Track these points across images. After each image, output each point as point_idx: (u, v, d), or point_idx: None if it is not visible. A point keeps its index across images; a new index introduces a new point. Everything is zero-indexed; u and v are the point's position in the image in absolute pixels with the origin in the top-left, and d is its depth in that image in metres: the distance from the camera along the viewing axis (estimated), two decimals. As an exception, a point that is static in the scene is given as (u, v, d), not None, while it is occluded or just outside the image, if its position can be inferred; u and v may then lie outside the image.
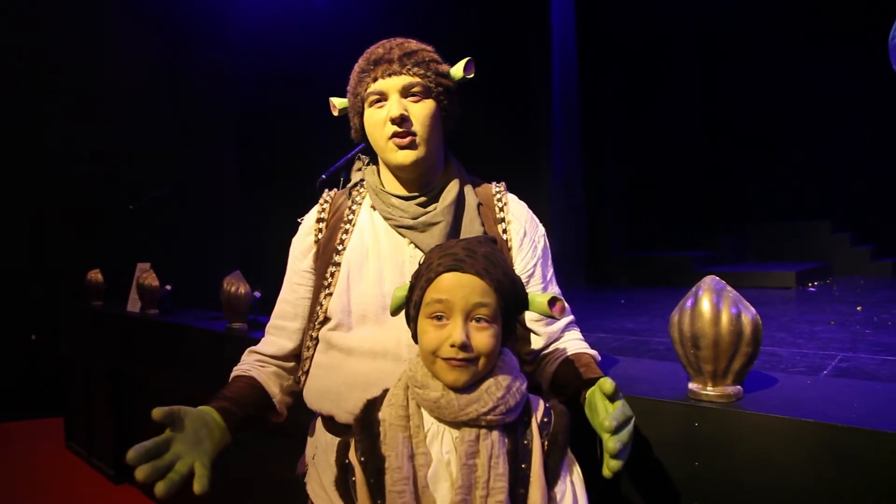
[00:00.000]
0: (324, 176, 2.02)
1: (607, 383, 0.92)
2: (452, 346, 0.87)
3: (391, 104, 1.11)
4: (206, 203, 5.54)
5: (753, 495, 1.07)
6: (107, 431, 3.45)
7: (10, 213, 4.75)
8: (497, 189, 1.25)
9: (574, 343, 1.23)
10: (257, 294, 2.46)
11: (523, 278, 1.20)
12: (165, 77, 5.46)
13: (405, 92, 1.12)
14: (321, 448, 1.19)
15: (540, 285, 1.22)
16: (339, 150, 1.97)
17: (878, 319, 4.48)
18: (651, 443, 1.18)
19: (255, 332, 2.36)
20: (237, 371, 1.24)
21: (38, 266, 4.79)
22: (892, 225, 9.09)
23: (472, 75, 1.19)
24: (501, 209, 1.22)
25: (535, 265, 1.22)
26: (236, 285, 2.44)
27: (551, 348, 1.24)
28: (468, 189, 1.21)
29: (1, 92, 4.74)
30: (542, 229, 1.27)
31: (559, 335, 1.24)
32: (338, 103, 1.25)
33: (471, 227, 1.17)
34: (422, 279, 0.92)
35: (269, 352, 1.26)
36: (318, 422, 1.21)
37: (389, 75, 1.11)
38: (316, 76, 5.94)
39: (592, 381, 1.06)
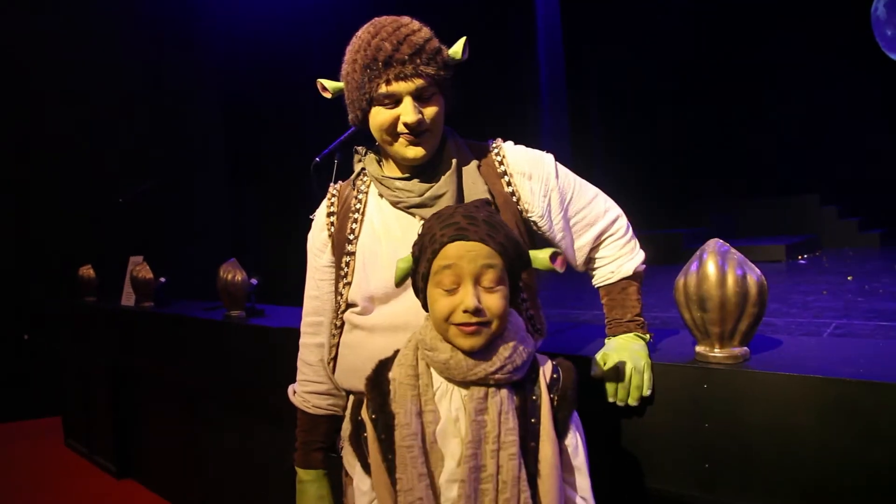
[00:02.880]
0: (317, 159, 2.00)
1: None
2: (465, 311, 0.89)
3: (406, 109, 1.10)
4: (195, 193, 5.50)
5: (763, 453, 1.08)
6: (107, 427, 3.43)
7: (-4, 212, 4.69)
8: (494, 145, 1.25)
9: (607, 267, 1.31)
10: (254, 281, 2.44)
11: (562, 219, 1.23)
12: (153, 70, 5.39)
13: (418, 94, 1.11)
14: None
15: (599, 206, 1.31)
16: (328, 135, 1.96)
17: (868, 287, 4.54)
18: (660, 406, 1.19)
19: (254, 318, 2.35)
20: (314, 409, 1.32)
21: (27, 264, 4.73)
22: (878, 197, 9.18)
23: (466, 57, 1.18)
24: (501, 162, 1.22)
25: (568, 194, 1.25)
26: (233, 273, 2.43)
27: (595, 267, 1.34)
28: (465, 153, 1.22)
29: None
30: (548, 158, 1.25)
31: (594, 245, 1.30)
32: (329, 86, 1.21)
33: (473, 188, 1.17)
34: (427, 251, 0.93)
35: (329, 384, 1.30)
36: (352, 400, 1.23)
37: (402, 78, 1.09)
38: (303, 63, 5.89)
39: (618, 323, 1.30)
